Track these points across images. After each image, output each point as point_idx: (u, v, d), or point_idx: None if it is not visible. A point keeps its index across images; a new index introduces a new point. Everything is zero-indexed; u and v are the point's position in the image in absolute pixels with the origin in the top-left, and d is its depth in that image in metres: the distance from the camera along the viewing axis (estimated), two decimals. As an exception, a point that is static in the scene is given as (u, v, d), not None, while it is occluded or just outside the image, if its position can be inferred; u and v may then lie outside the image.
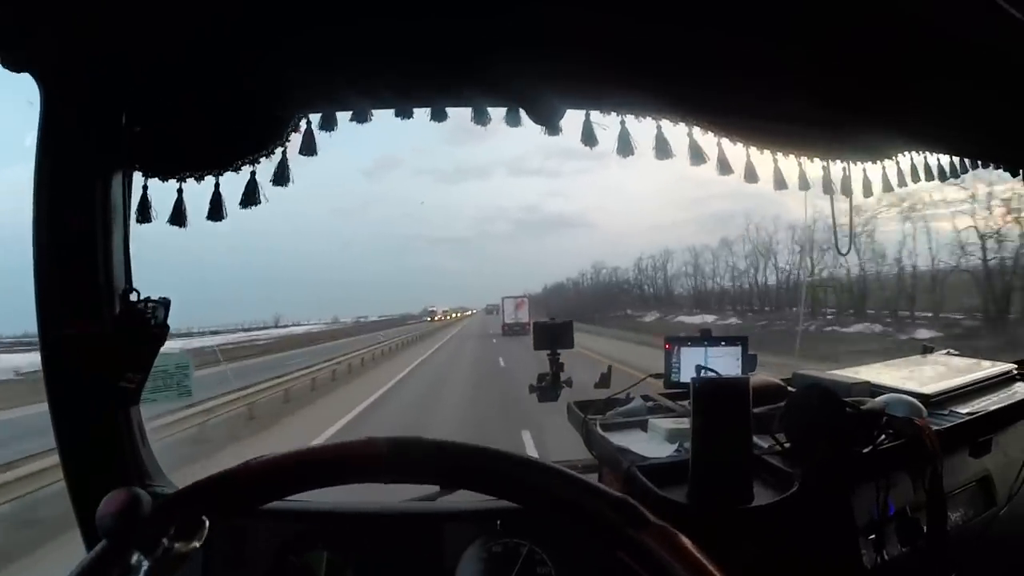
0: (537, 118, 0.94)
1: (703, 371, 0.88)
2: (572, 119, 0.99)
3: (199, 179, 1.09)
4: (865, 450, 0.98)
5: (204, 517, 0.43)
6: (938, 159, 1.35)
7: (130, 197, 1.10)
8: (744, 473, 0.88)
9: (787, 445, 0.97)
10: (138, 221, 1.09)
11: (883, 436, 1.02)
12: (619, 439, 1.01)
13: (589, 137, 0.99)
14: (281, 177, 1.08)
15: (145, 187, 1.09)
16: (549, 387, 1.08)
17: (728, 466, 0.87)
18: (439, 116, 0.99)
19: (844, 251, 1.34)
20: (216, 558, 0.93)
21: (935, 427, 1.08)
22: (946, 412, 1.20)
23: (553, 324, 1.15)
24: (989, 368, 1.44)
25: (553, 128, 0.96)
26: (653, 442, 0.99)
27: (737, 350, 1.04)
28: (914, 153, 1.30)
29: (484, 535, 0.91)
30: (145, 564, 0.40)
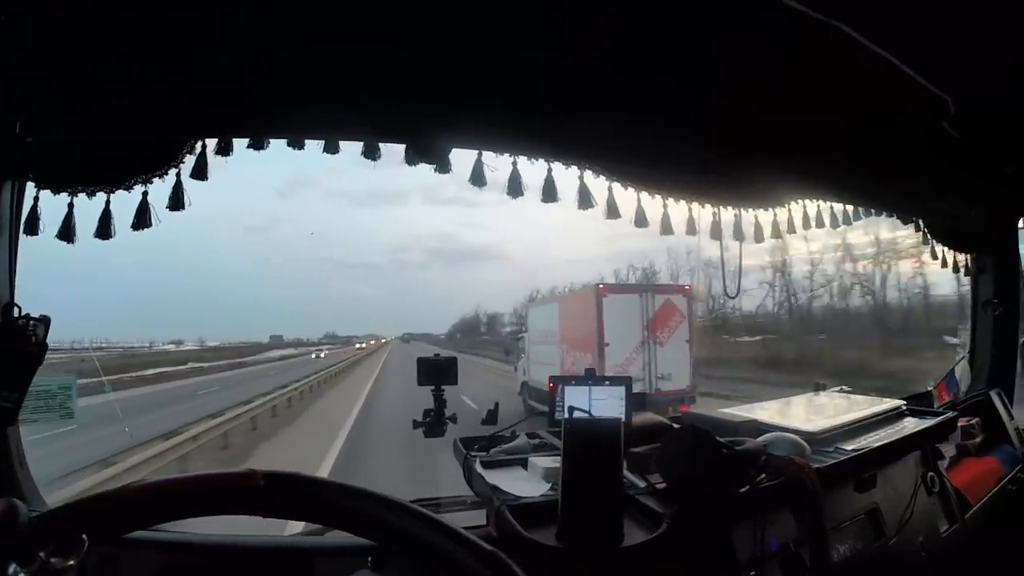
0: (425, 158, 0.95)
1: (575, 412, 0.90)
2: (466, 157, 1.01)
3: (91, 195, 1.06)
4: (743, 489, 1.02)
5: (84, 535, 0.42)
6: (831, 207, 1.42)
7: (20, 208, 1.06)
8: (614, 513, 0.89)
9: (660, 485, 0.99)
10: (26, 233, 1.06)
11: (763, 475, 1.06)
12: (499, 477, 1.02)
13: (478, 178, 1.01)
14: (176, 202, 1.06)
15: (36, 199, 1.06)
16: (434, 423, 1.08)
17: (597, 506, 0.88)
18: (331, 148, 0.99)
19: (732, 294, 1.40)
20: None
21: (818, 464, 1.13)
22: (831, 449, 1.25)
23: (437, 360, 1.15)
24: (879, 405, 1.51)
25: (443, 167, 0.97)
26: (532, 480, 1.00)
27: (621, 390, 1.06)
28: (807, 200, 1.37)
29: (355, 572, 0.90)
30: None
